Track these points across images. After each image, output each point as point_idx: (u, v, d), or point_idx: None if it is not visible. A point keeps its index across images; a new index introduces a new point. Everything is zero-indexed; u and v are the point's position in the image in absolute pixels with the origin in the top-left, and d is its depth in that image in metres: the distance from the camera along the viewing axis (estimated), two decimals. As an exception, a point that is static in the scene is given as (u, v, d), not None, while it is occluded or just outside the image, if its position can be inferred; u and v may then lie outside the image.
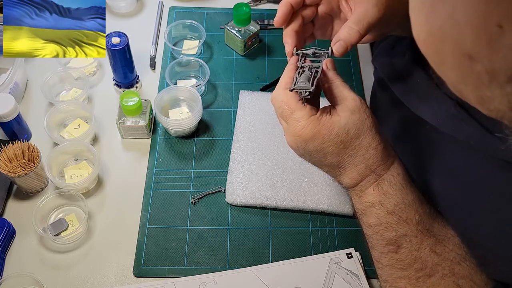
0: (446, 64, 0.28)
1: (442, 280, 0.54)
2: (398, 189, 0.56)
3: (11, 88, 0.78)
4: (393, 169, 0.57)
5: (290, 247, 0.70)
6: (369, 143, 0.55)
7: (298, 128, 0.55)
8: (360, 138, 0.55)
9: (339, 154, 0.56)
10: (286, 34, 0.61)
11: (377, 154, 0.56)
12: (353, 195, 0.59)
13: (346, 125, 0.54)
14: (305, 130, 0.54)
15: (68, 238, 0.69)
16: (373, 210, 0.57)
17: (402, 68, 0.67)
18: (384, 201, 0.56)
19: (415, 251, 0.55)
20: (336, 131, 0.54)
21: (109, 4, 0.97)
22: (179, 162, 0.78)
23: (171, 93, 0.81)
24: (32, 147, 0.70)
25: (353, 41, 0.57)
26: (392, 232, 0.56)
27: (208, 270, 0.68)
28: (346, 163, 0.56)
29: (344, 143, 0.55)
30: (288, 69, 0.59)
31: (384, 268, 0.58)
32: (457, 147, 0.57)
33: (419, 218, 0.56)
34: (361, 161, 0.56)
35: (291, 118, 0.55)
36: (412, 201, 0.56)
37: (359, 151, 0.55)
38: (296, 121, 0.55)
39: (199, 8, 0.99)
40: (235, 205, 0.74)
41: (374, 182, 0.56)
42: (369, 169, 0.56)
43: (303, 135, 0.55)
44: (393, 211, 0.56)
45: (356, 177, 0.57)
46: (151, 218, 0.72)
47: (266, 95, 0.84)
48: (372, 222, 0.57)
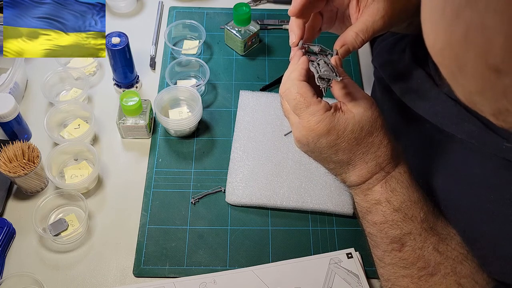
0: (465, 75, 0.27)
1: (444, 279, 0.54)
2: (405, 187, 0.56)
3: (11, 88, 0.78)
4: (400, 167, 0.57)
5: (290, 247, 0.70)
6: (380, 141, 0.56)
7: (313, 123, 0.54)
8: (373, 135, 0.55)
9: (351, 151, 0.56)
10: (294, 24, 0.59)
11: (387, 152, 0.56)
12: (358, 193, 0.59)
13: (361, 122, 0.54)
14: (320, 125, 0.54)
15: (68, 238, 0.69)
16: (379, 208, 0.57)
17: (402, 68, 0.67)
18: (391, 199, 0.56)
19: (418, 249, 0.55)
20: (351, 127, 0.54)
21: (109, 4, 0.97)
22: (179, 162, 0.78)
23: (171, 93, 0.81)
24: (32, 147, 0.70)
25: (357, 47, 0.57)
26: (397, 230, 0.56)
27: (208, 270, 0.68)
28: (357, 160, 0.56)
29: (357, 139, 0.55)
30: (301, 61, 0.57)
31: (387, 267, 0.58)
32: (458, 146, 0.57)
33: (424, 216, 0.56)
34: (372, 159, 0.56)
35: (306, 111, 0.54)
36: (417, 199, 0.56)
37: (371, 149, 0.56)
38: (311, 115, 0.54)
39: (199, 8, 0.99)
40: (235, 205, 0.73)
41: (382, 179, 0.56)
42: (379, 167, 0.56)
43: (318, 129, 0.54)
44: (399, 208, 0.56)
45: (365, 175, 0.57)
46: (151, 218, 0.72)
47: (266, 95, 0.84)
48: (377, 220, 0.57)
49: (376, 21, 0.56)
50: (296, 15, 0.59)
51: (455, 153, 0.58)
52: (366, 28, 0.56)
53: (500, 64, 0.23)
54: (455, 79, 0.28)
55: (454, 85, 0.28)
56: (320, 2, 0.60)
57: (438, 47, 0.27)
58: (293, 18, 0.59)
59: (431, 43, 0.28)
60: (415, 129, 0.66)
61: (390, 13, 0.56)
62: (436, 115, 0.59)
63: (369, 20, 0.56)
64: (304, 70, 0.56)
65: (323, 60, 0.56)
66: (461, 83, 0.28)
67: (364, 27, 0.56)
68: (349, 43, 0.57)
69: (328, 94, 0.58)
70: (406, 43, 0.70)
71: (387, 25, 0.57)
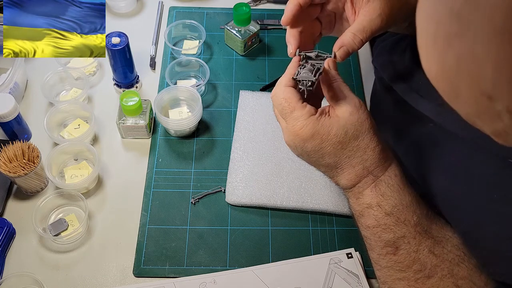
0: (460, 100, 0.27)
1: (441, 281, 0.54)
2: (395, 191, 0.56)
3: (11, 88, 0.78)
4: (390, 171, 0.57)
5: (290, 247, 0.70)
6: (367, 144, 0.55)
7: (297, 127, 0.55)
8: (359, 139, 0.55)
9: (336, 155, 0.56)
10: (290, 34, 0.60)
11: (374, 156, 0.56)
12: (350, 196, 0.59)
13: (345, 126, 0.54)
14: (304, 130, 0.54)
15: (68, 238, 0.69)
16: (370, 212, 0.57)
17: (403, 69, 0.67)
18: (381, 203, 0.56)
19: (413, 252, 0.55)
20: (335, 131, 0.54)
21: (109, 4, 0.97)
22: (179, 162, 0.78)
23: (171, 93, 0.81)
24: (32, 147, 0.70)
25: (356, 48, 0.57)
26: (390, 233, 0.56)
27: (208, 270, 0.68)
28: (344, 164, 0.56)
29: (342, 143, 0.55)
30: (289, 67, 0.58)
31: (383, 269, 0.58)
32: (459, 146, 0.57)
33: (417, 220, 0.55)
34: (359, 162, 0.56)
35: (290, 116, 0.55)
36: (410, 203, 0.56)
37: (357, 152, 0.55)
38: (295, 120, 0.55)
39: (199, 8, 0.99)
40: (235, 205, 0.74)
41: (372, 183, 0.56)
42: (367, 170, 0.56)
43: (302, 134, 0.55)
44: (391, 212, 0.56)
45: (354, 178, 0.57)
46: (151, 218, 0.72)
47: (266, 95, 0.84)
48: (370, 224, 0.57)
49: (373, 19, 0.56)
50: (288, 25, 0.59)
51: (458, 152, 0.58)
52: (363, 28, 0.56)
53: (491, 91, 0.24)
54: (452, 103, 0.29)
55: (454, 107, 0.29)
56: (314, 9, 0.61)
57: (433, 74, 0.28)
58: (288, 28, 0.60)
59: (427, 69, 0.29)
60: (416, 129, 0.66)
61: (387, 11, 0.56)
62: (439, 114, 0.59)
63: (366, 19, 0.56)
64: (291, 75, 0.57)
65: (311, 64, 0.56)
66: (458, 107, 0.29)
67: (361, 27, 0.56)
68: (347, 45, 0.57)
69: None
70: (407, 43, 0.70)
71: (385, 23, 0.56)
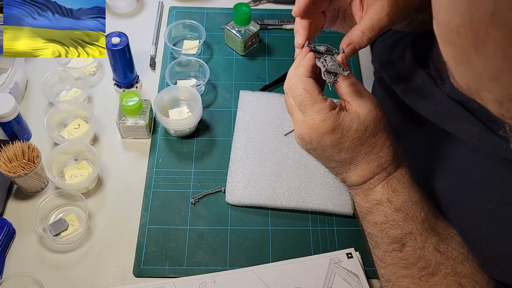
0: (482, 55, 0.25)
1: (444, 279, 0.54)
2: (406, 187, 0.57)
3: (11, 88, 0.78)
4: (401, 168, 0.58)
5: (290, 247, 0.70)
6: (383, 142, 0.56)
7: (317, 121, 0.54)
8: (377, 136, 0.55)
9: (354, 150, 0.56)
10: (300, 25, 0.59)
11: (390, 153, 0.56)
12: (358, 193, 0.59)
13: (365, 122, 0.55)
14: (325, 123, 0.54)
15: (68, 238, 0.69)
16: (380, 208, 0.57)
17: (403, 69, 0.67)
18: (392, 199, 0.56)
19: (419, 249, 0.55)
20: (356, 127, 0.54)
21: (109, 4, 0.97)
22: (179, 162, 0.78)
23: (171, 93, 0.81)
24: (32, 147, 0.70)
25: (363, 46, 0.57)
26: (398, 229, 0.56)
27: (208, 270, 0.68)
28: (360, 160, 0.56)
29: (361, 139, 0.55)
30: (307, 57, 0.57)
31: (388, 267, 0.58)
32: (459, 147, 0.57)
33: (424, 216, 0.56)
34: (375, 159, 0.56)
35: (311, 109, 0.54)
36: (418, 199, 0.56)
37: (374, 149, 0.56)
38: (315, 113, 0.54)
39: (199, 8, 0.99)
40: (235, 205, 0.73)
41: (384, 179, 0.57)
42: (381, 167, 0.56)
43: (322, 128, 0.54)
44: (400, 208, 0.56)
45: (366, 175, 0.57)
46: (151, 218, 0.72)
47: (266, 95, 0.84)
48: (378, 220, 0.57)
49: (381, 18, 0.56)
50: (300, 16, 0.58)
51: (456, 153, 0.58)
52: (372, 26, 0.56)
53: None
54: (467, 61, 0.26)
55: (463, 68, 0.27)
56: (324, 2, 0.60)
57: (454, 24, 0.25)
58: (298, 19, 0.59)
59: (446, 20, 0.26)
60: (416, 129, 0.66)
61: (394, 9, 0.56)
62: (437, 114, 0.59)
63: (374, 18, 0.56)
64: (310, 67, 0.56)
65: (330, 57, 0.56)
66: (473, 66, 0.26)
67: (370, 25, 0.56)
68: (355, 42, 0.56)
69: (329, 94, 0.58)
70: (406, 43, 0.70)
71: (391, 22, 0.57)
